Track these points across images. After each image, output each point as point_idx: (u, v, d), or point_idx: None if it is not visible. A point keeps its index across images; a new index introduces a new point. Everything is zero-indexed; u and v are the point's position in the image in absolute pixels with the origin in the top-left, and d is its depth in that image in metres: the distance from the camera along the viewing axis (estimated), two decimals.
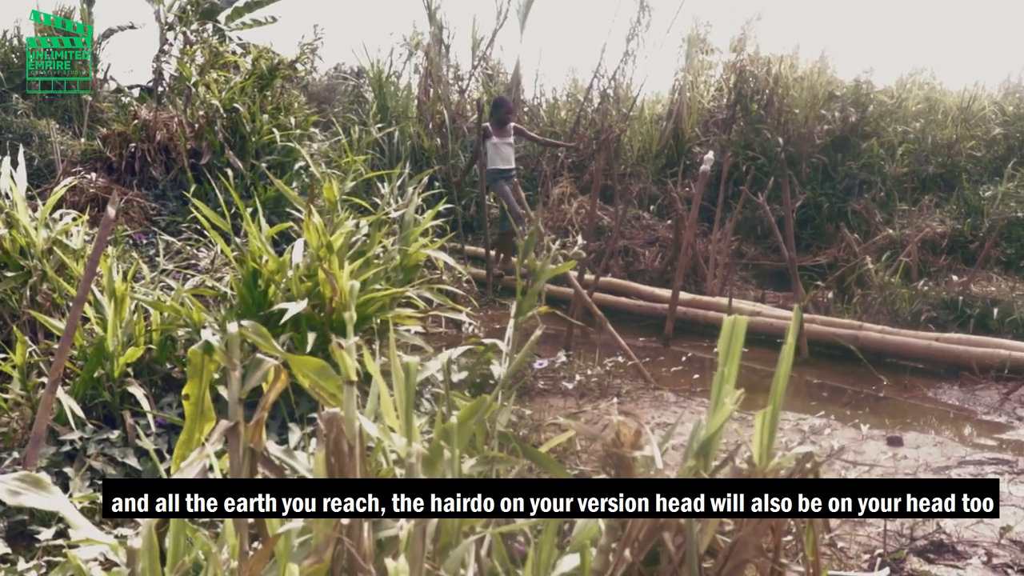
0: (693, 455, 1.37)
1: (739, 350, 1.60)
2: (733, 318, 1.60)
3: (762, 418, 1.48)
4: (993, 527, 3.36)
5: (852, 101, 10.98)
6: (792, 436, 4.45)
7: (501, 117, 9.24)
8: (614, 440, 1.33)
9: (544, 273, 2.39)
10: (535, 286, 2.40)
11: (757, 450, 1.43)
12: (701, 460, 1.38)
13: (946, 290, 7.20)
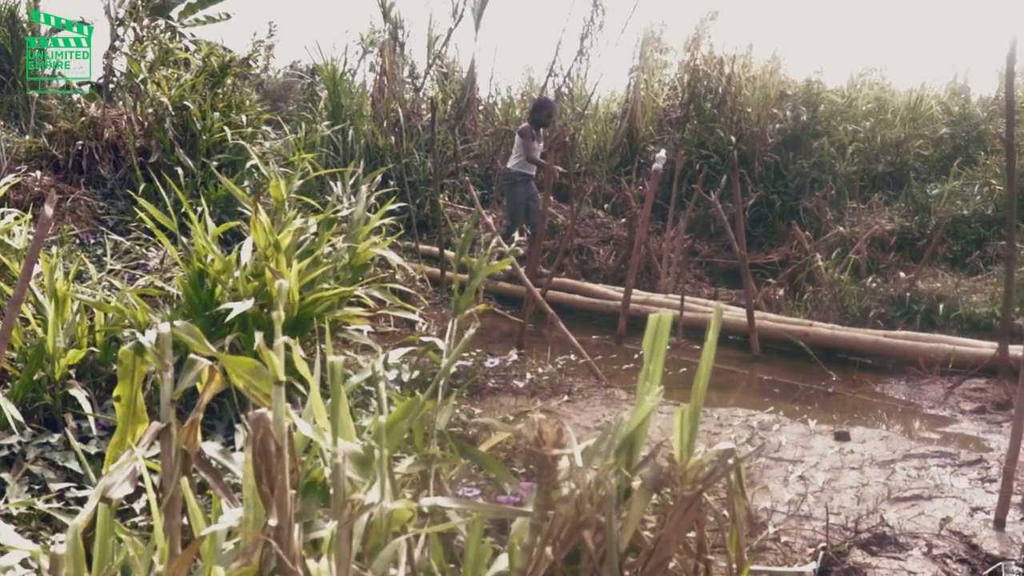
0: (614, 452, 1.37)
1: (664, 347, 1.60)
2: (658, 315, 1.60)
3: (681, 415, 1.48)
4: (934, 519, 3.40)
5: (803, 100, 11.11)
6: (741, 432, 4.48)
7: (543, 120, 8.98)
8: (536, 439, 1.33)
9: (481, 271, 2.39)
10: (472, 283, 2.39)
11: (678, 447, 1.43)
12: (623, 457, 1.38)
13: (894, 287, 7.31)
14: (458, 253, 2.60)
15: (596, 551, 1.20)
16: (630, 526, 1.23)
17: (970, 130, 10.68)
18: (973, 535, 3.27)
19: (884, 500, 3.61)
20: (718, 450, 1.41)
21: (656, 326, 1.57)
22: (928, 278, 7.60)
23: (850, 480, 3.84)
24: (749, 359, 6.52)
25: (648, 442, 1.65)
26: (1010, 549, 3.17)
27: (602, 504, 1.25)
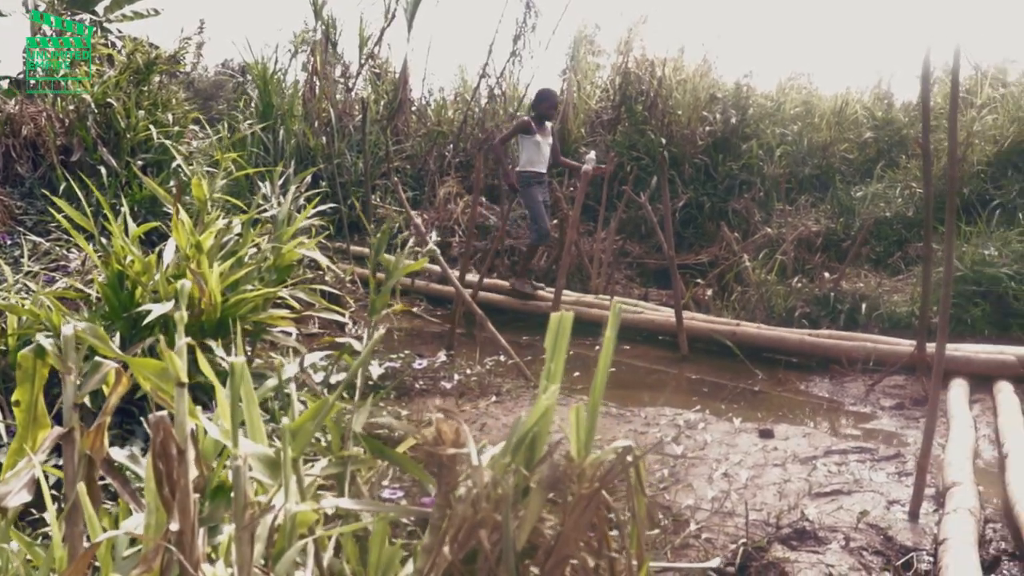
0: (511, 451, 1.36)
1: (565, 346, 1.60)
2: (560, 314, 1.60)
3: (575, 413, 1.48)
4: (853, 512, 3.47)
5: (733, 104, 11.25)
6: (668, 431, 4.52)
7: (545, 112, 8.19)
8: (435, 439, 1.32)
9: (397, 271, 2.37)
10: (387, 284, 2.38)
11: (575, 445, 1.43)
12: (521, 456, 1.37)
13: (819, 287, 7.45)
14: (373, 253, 2.58)
15: (492, 551, 1.20)
16: (527, 525, 1.22)
17: (893, 134, 10.92)
18: (888, 527, 3.35)
19: (805, 495, 3.67)
20: (616, 447, 1.42)
21: (557, 325, 1.56)
22: (852, 278, 7.76)
23: (773, 476, 3.90)
24: (678, 359, 6.59)
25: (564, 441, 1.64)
26: (922, 540, 3.25)
27: (499, 503, 1.24)
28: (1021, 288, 6.56)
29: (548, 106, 8.16)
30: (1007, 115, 9.54)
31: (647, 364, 6.53)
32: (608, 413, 4.88)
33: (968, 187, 8.95)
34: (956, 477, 3.69)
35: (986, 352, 5.75)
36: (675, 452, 4.07)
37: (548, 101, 8.17)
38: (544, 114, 8.14)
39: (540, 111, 8.12)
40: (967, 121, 9.46)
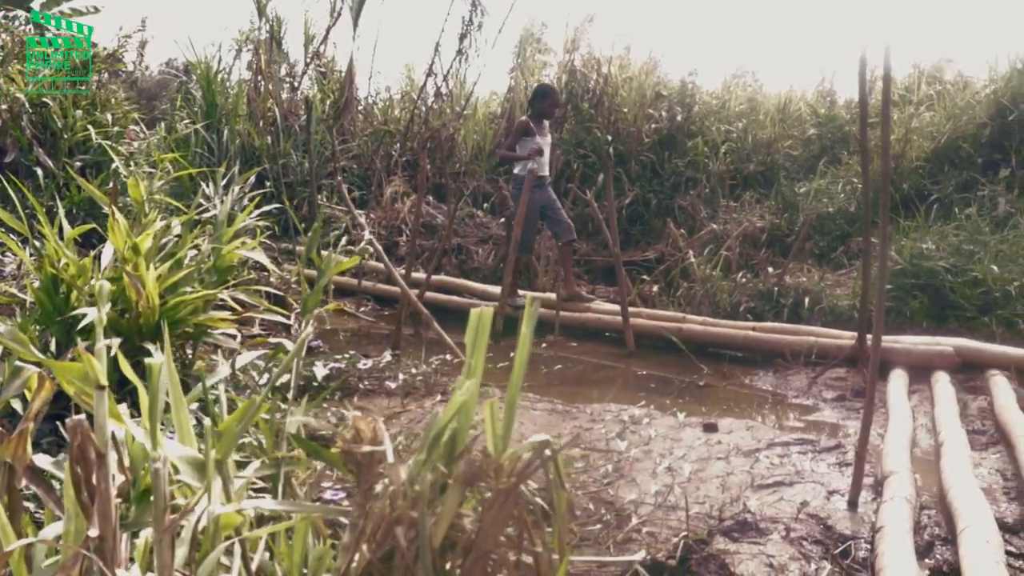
0: (427, 448, 1.35)
1: (485, 342, 1.59)
2: (479, 310, 1.59)
3: (490, 407, 1.47)
4: (794, 503, 3.51)
5: (678, 101, 11.34)
6: (613, 426, 4.54)
7: (545, 109, 7.61)
8: (353, 437, 1.30)
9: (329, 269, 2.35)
10: (319, 283, 2.36)
11: (491, 440, 1.42)
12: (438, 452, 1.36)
13: (763, 282, 7.53)
14: (305, 252, 2.55)
15: (409, 548, 1.19)
16: (444, 522, 1.22)
17: (835, 131, 11.06)
18: (828, 517, 3.39)
19: (748, 488, 3.71)
20: (533, 442, 1.41)
21: (477, 321, 1.56)
22: (795, 273, 7.85)
23: (716, 470, 3.94)
24: (625, 355, 6.62)
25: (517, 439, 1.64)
26: (861, 528, 3.30)
27: (416, 501, 1.23)
28: (957, 281, 6.68)
29: (549, 104, 7.62)
30: (944, 112, 9.73)
31: (594, 361, 6.56)
32: (554, 410, 4.89)
33: (907, 182, 9.12)
34: (894, 466, 3.75)
35: (924, 344, 5.86)
36: (619, 448, 4.09)
37: (548, 99, 7.63)
38: (543, 112, 7.60)
39: (539, 109, 7.59)
40: (905, 118, 9.64)
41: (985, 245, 7.08)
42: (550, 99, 7.61)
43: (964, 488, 3.41)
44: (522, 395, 5.23)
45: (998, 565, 2.69)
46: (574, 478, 3.67)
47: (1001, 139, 9.00)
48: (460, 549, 1.24)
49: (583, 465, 3.83)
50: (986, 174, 8.67)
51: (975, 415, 5.01)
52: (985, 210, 7.94)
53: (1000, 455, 4.27)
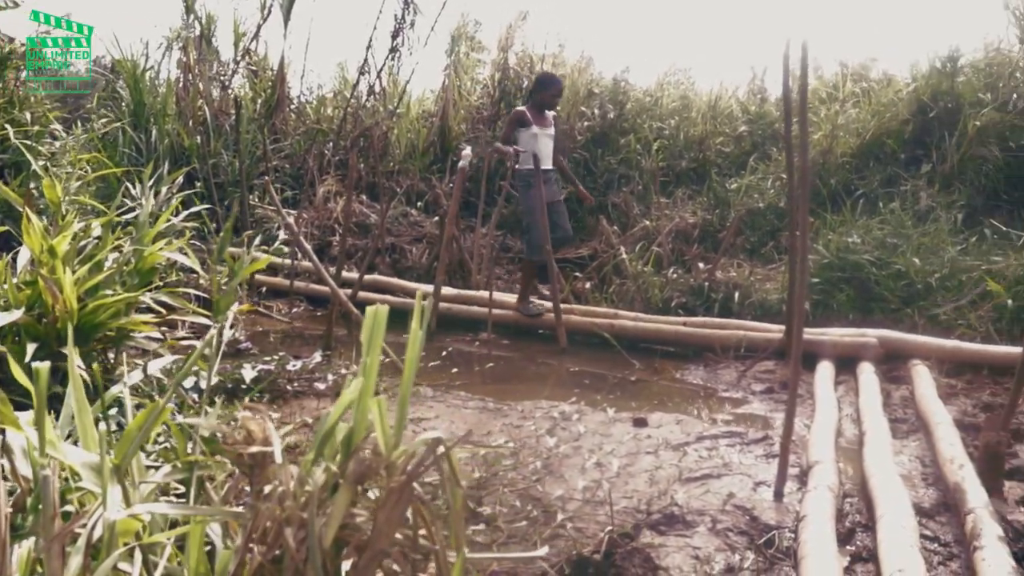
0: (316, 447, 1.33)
1: (380, 340, 1.57)
2: (375, 308, 1.58)
3: (377, 405, 1.45)
4: (721, 495, 3.55)
5: (611, 99, 11.40)
6: (543, 423, 4.54)
7: (546, 100, 7.15)
8: (245, 438, 1.28)
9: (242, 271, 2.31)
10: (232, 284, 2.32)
11: (381, 437, 1.41)
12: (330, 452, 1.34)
13: (694, 277, 7.60)
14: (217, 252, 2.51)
15: (299, 549, 1.16)
16: (334, 522, 1.20)
17: (766, 128, 11.20)
18: (754, 508, 3.43)
19: (676, 481, 3.73)
20: (425, 439, 1.40)
21: (372, 320, 1.54)
22: (727, 268, 7.93)
23: (645, 464, 3.96)
24: (557, 352, 6.63)
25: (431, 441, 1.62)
26: (785, 518, 3.34)
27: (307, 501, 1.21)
28: (882, 274, 6.81)
29: (550, 94, 7.16)
30: (869, 109, 9.91)
31: (527, 358, 6.56)
32: (485, 408, 4.88)
33: (834, 178, 9.27)
34: (818, 456, 3.81)
35: (850, 335, 5.97)
36: (548, 444, 4.09)
37: (550, 88, 7.17)
38: (544, 103, 7.16)
39: (539, 99, 7.15)
40: (832, 115, 9.80)
41: (908, 238, 7.24)
42: (552, 88, 7.19)
43: (883, 476, 3.48)
44: (454, 394, 5.23)
45: (912, 549, 2.75)
46: (502, 476, 3.66)
47: (923, 135, 9.20)
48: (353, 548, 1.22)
49: (512, 463, 3.83)
50: (909, 169, 8.85)
51: (898, 404, 5.12)
52: (908, 204, 8.11)
53: (920, 442, 4.36)
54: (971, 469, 3.48)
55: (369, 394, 1.46)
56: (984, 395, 5.15)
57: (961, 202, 8.10)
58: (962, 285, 6.53)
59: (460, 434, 4.34)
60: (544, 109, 7.18)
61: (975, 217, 7.94)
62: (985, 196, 8.34)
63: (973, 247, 7.18)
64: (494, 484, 3.57)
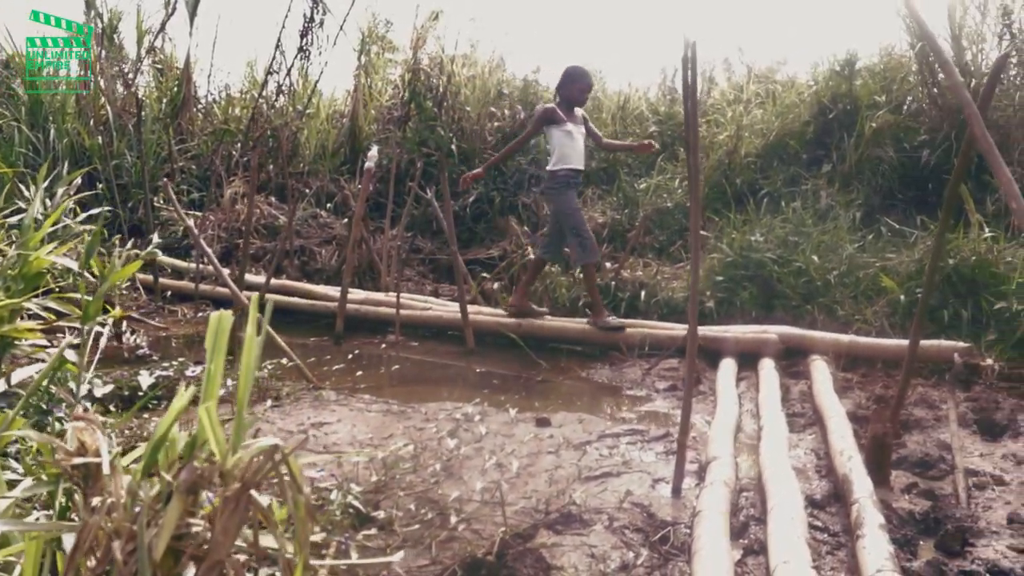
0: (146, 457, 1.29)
1: (225, 346, 1.53)
2: (219, 314, 1.53)
3: (204, 412, 1.41)
4: (619, 493, 3.57)
5: (521, 99, 11.43)
6: (446, 425, 4.51)
7: (574, 96, 6.61)
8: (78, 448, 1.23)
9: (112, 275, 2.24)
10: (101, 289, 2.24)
11: (214, 445, 1.37)
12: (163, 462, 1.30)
13: (601, 277, 7.63)
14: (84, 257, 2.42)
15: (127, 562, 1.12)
16: (166, 532, 1.16)
17: (675, 128, 11.34)
18: (651, 505, 3.46)
19: (575, 480, 3.74)
20: (262, 446, 1.36)
21: (216, 326, 1.50)
22: (635, 267, 8.00)
23: (546, 464, 3.96)
24: (465, 353, 6.61)
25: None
26: (682, 514, 3.37)
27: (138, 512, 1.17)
28: (783, 271, 6.96)
29: (579, 88, 6.61)
30: (774, 110, 10.12)
31: (435, 360, 6.53)
32: (389, 411, 4.83)
33: (740, 177, 9.44)
34: (717, 452, 3.86)
35: (752, 332, 6.08)
36: (449, 446, 4.06)
37: (578, 83, 6.61)
38: (573, 98, 6.62)
39: (568, 95, 6.61)
40: (736, 115, 9.98)
41: (808, 236, 7.41)
42: (580, 82, 6.61)
43: (776, 470, 3.54)
44: (358, 397, 5.17)
45: (799, 540, 2.80)
46: (400, 479, 3.62)
47: (823, 136, 9.43)
48: (187, 558, 1.18)
49: (411, 465, 3.79)
50: (811, 169, 9.06)
51: (796, 398, 5.23)
52: (809, 203, 8.30)
53: (816, 435, 4.46)
54: (859, 461, 3.56)
55: (210, 400, 1.41)
56: (877, 388, 5.30)
57: (859, 201, 8.32)
58: (859, 281, 6.69)
59: (361, 437, 4.30)
60: (573, 105, 6.66)
61: (872, 215, 8.15)
62: (882, 195, 8.58)
63: (870, 244, 7.37)
64: (392, 488, 3.54)
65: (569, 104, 6.60)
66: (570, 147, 6.53)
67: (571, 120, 6.56)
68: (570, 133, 6.51)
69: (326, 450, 4.09)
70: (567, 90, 6.60)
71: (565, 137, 6.51)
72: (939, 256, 4.06)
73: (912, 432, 4.56)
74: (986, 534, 3.25)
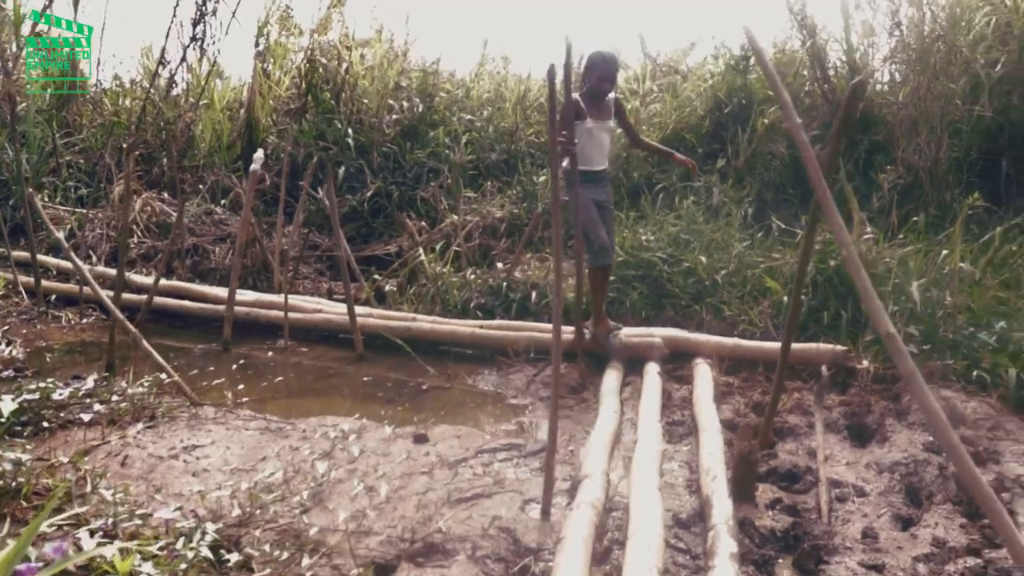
0: None
1: None
2: None
3: None
4: (488, 517, 3.55)
5: (420, 91, 11.30)
6: (323, 444, 4.45)
7: (594, 86, 5.96)
8: None
9: None
10: None
11: None
12: None
13: (492, 277, 7.59)
14: None
15: None
16: None
17: None
18: (517, 530, 3.46)
19: (445, 504, 3.72)
20: None
21: None
22: (529, 265, 7.95)
23: (418, 486, 3.92)
24: (355, 358, 6.52)
25: None
26: (547, 539, 3.38)
27: None
28: (674, 271, 7.02)
29: (596, 77, 5.93)
30: (672, 104, 10.19)
31: (324, 365, 6.44)
32: (267, 428, 4.73)
33: (637, 171, 9.49)
34: (589, 469, 3.88)
35: (637, 336, 6.10)
36: (319, 471, 3.99)
37: (596, 71, 5.94)
38: (595, 89, 5.96)
39: (590, 87, 5.99)
40: (632, 109, 10.02)
41: (700, 235, 7.49)
42: (597, 71, 5.93)
43: (642, 491, 3.57)
44: (236, 413, 5.06)
45: (652, 572, 2.82)
46: (267, 509, 3.55)
47: (719, 130, 9.54)
48: None
49: (279, 494, 3.72)
50: (707, 163, 9.13)
51: (678, 405, 5.28)
52: (702, 199, 8.39)
53: (692, 446, 4.51)
54: (723, 481, 3.61)
55: None
56: (756, 393, 5.38)
57: (751, 197, 8.44)
58: (746, 281, 6.78)
59: (234, 461, 4.21)
60: (597, 97, 6.00)
61: (764, 211, 8.28)
62: (774, 190, 8.72)
63: (759, 243, 7.47)
64: (256, 521, 3.46)
65: (593, 96, 5.99)
66: (589, 145, 5.95)
67: (594, 114, 5.95)
68: (590, 131, 5.92)
69: (195, 477, 3.99)
70: (587, 79, 6.03)
71: (584, 135, 5.91)
72: (804, 270, 4.14)
73: (786, 440, 4.65)
74: (840, 551, 3.33)
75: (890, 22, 9.05)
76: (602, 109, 6.00)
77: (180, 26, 11.56)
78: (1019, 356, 5.26)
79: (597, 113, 5.95)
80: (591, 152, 5.96)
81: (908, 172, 8.05)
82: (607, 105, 6.04)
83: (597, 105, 5.97)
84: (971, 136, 8.09)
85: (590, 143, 5.94)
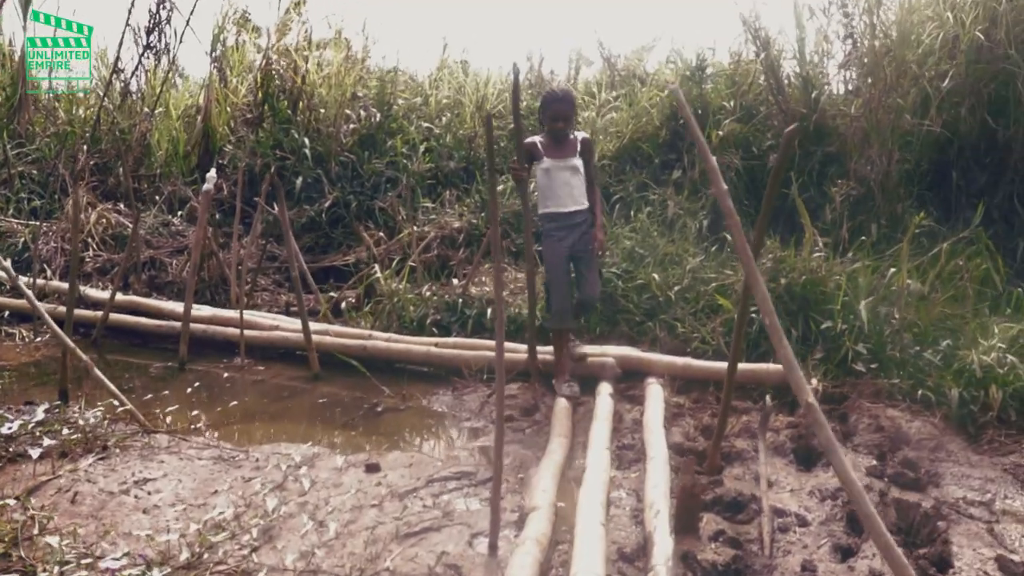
0: None
1: None
2: None
3: None
4: (436, 553, 3.60)
5: (377, 101, 11.28)
6: (274, 475, 4.47)
7: (549, 124, 5.78)
8: None
9: None
10: None
11: None
12: None
13: (448, 293, 7.59)
14: None
15: None
16: None
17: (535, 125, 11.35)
18: (463, 567, 3.51)
19: (393, 540, 3.75)
20: None
21: None
22: (485, 279, 7.95)
23: (368, 520, 3.96)
24: (311, 377, 6.51)
25: None
26: None
27: None
28: (628, 286, 7.06)
29: (551, 116, 5.73)
30: (628, 112, 10.23)
31: (280, 385, 6.43)
32: (220, 458, 4.74)
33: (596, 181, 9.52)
34: (537, 500, 3.92)
35: (591, 355, 6.13)
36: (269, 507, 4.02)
37: (550, 109, 5.74)
38: (551, 128, 5.77)
39: (546, 125, 5.84)
40: (590, 119, 10.08)
41: (654, 249, 7.54)
42: (548, 110, 5.76)
43: (587, 525, 3.62)
44: (190, 441, 5.06)
45: None
46: (215, 550, 3.57)
47: (675, 140, 9.59)
48: None
49: (229, 532, 3.74)
50: (664, 173, 9.17)
51: (629, 428, 5.30)
52: (656, 212, 8.44)
53: (639, 474, 4.55)
54: (665, 517, 3.66)
55: None
56: (706, 416, 5.43)
57: (705, 209, 8.50)
58: (699, 297, 6.83)
59: (186, 496, 4.22)
60: (557, 136, 5.76)
61: (719, 223, 8.32)
62: None
63: (713, 256, 7.54)
64: (205, 563, 3.49)
65: (552, 134, 5.79)
66: (547, 187, 5.81)
67: (553, 153, 5.74)
68: (548, 171, 5.75)
69: (146, 514, 3.99)
70: (543, 119, 5.90)
71: (543, 176, 5.79)
72: (748, 297, 4.21)
73: (733, 464, 4.72)
74: None
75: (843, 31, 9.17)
76: (564, 148, 5.78)
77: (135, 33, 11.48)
78: (963, 374, 5.38)
79: (557, 152, 5.76)
80: (558, 192, 5.77)
81: (860, 184, 8.15)
82: (571, 143, 5.81)
83: (558, 143, 5.78)
84: (921, 148, 8.20)
85: (547, 184, 5.80)
